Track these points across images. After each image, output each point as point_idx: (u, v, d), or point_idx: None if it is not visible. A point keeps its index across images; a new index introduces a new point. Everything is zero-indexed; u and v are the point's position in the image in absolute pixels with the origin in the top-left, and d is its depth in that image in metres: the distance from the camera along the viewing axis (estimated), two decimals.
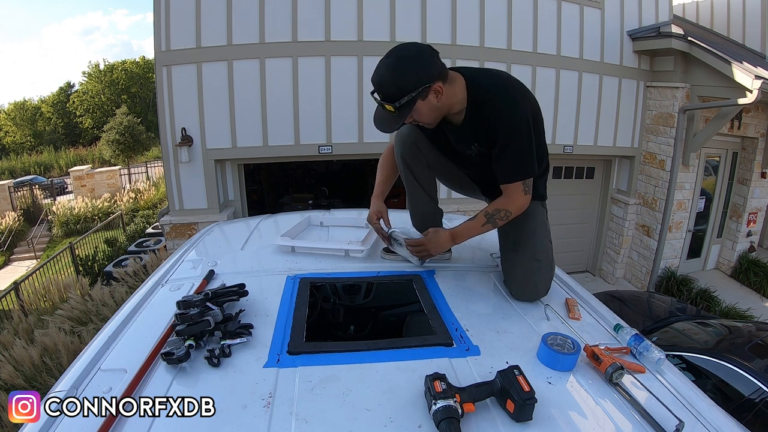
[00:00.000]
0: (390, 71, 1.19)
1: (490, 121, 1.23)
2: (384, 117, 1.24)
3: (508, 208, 1.30)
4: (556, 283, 1.42)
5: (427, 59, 1.19)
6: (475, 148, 1.32)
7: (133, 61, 28.33)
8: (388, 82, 1.19)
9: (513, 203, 1.30)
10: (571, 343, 0.98)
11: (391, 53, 1.21)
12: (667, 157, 5.25)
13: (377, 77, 1.20)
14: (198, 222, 4.68)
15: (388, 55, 1.21)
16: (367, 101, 4.68)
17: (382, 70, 1.20)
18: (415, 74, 1.17)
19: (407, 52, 1.20)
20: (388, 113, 1.21)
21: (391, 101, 1.18)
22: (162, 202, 12.14)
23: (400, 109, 1.19)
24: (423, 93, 1.18)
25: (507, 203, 1.30)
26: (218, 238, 1.99)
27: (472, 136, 1.30)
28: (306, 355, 0.98)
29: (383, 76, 1.19)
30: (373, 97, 1.23)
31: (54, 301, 5.45)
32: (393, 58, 1.19)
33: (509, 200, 1.30)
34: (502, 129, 1.22)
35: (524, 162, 1.25)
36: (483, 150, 1.31)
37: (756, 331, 2.86)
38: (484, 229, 1.33)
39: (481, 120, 1.25)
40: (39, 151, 23.85)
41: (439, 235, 1.38)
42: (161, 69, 4.44)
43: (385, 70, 1.19)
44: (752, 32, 6.17)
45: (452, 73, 1.25)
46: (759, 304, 5.21)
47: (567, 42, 5.07)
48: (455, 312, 1.21)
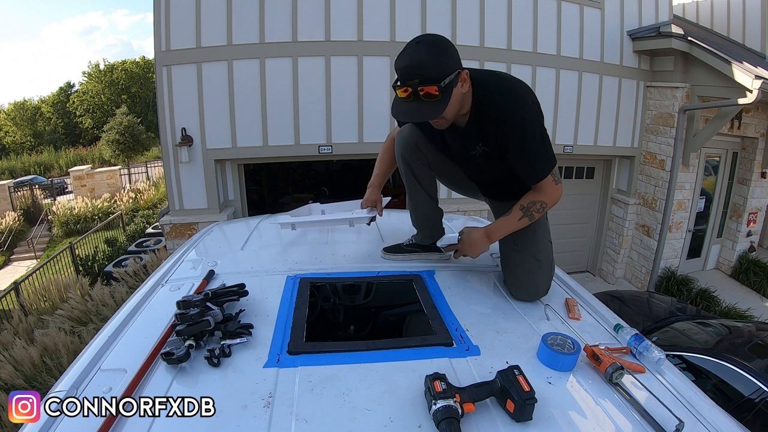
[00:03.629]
0: (428, 53, 1.12)
1: (499, 122, 1.21)
2: (419, 106, 1.15)
3: (543, 200, 1.28)
4: (556, 283, 1.42)
5: (452, 45, 1.17)
6: (480, 148, 1.30)
7: (133, 61, 28.33)
8: (431, 61, 1.12)
9: (547, 196, 1.28)
10: (571, 343, 0.98)
11: (419, 39, 1.14)
12: (667, 157, 5.25)
13: (415, 60, 1.11)
14: (198, 222, 4.68)
15: (416, 41, 1.14)
16: (367, 101, 4.68)
17: (420, 53, 1.12)
18: (452, 56, 1.14)
19: (435, 37, 1.15)
20: (428, 100, 1.13)
21: (435, 82, 1.11)
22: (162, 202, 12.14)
23: (444, 90, 1.12)
24: (458, 77, 1.15)
25: (541, 196, 1.28)
26: (218, 238, 1.99)
27: (477, 136, 1.28)
28: (306, 355, 0.98)
29: (422, 58, 1.11)
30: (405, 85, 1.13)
31: (54, 301, 5.45)
32: (425, 42, 1.13)
33: (542, 193, 1.28)
34: (513, 131, 1.20)
35: (544, 157, 1.24)
36: (488, 150, 1.30)
37: (756, 331, 2.86)
38: (521, 223, 1.29)
39: (486, 120, 1.23)
40: (39, 151, 23.85)
41: (472, 237, 1.33)
42: (161, 69, 4.44)
43: (423, 53, 1.12)
44: (752, 32, 6.17)
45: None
46: (759, 304, 5.21)
47: (567, 42, 5.07)
48: (455, 312, 1.21)
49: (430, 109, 1.15)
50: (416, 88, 1.12)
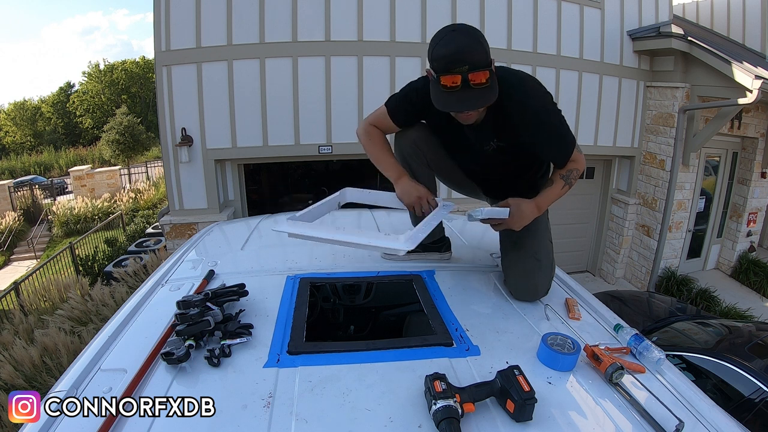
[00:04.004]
0: (472, 38, 1.08)
1: (516, 114, 1.19)
2: (471, 95, 1.09)
3: (577, 168, 1.30)
4: (556, 283, 1.42)
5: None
6: (495, 143, 1.29)
7: (133, 61, 28.32)
8: (478, 47, 1.08)
9: (578, 164, 1.30)
10: (571, 343, 0.98)
11: (454, 27, 1.10)
12: (667, 157, 5.25)
13: (461, 46, 1.07)
14: (198, 222, 4.68)
15: (452, 29, 1.09)
16: (367, 101, 4.68)
17: (464, 39, 1.07)
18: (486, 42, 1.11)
19: (467, 25, 1.12)
20: (477, 88, 1.08)
21: (486, 67, 1.08)
22: (162, 202, 12.13)
23: (492, 76, 1.09)
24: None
25: (574, 165, 1.29)
26: (218, 238, 1.99)
27: (492, 131, 1.26)
28: (306, 355, 0.98)
29: (469, 43, 1.07)
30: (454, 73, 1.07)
31: (54, 301, 5.45)
32: (464, 30, 1.09)
33: (575, 162, 1.29)
34: (534, 121, 1.19)
35: (566, 139, 1.25)
36: (502, 145, 1.29)
37: (756, 331, 2.86)
38: (563, 191, 1.30)
39: (501, 113, 1.21)
40: (39, 151, 23.84)
41: (523, 210, 1.25)
42: (161, 69, 4.44)
43: (468, 38, 1.08)
44: (752, 32, 6.17)
45: None
46: (759, 304, 5.21)
47: (567, 42, 5.07)
48: (455, 312, 1.21)
49: (483, 96, 1.11)
50: (466, 75, 1.07)
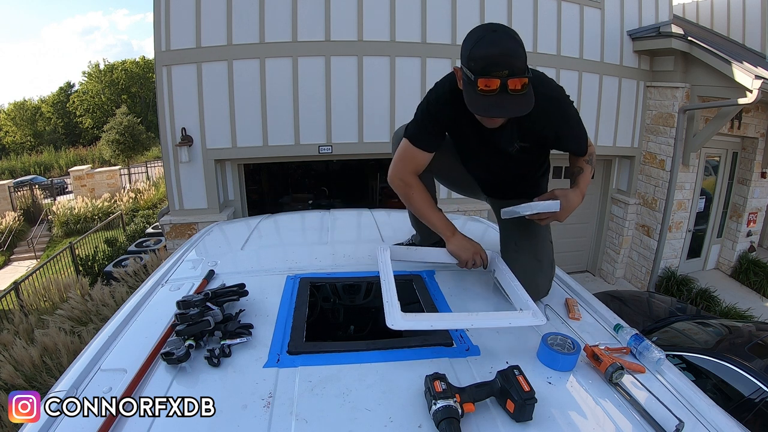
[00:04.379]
0: (514, 41, 1.04)
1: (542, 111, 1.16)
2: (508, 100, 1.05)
3: (592, 152, 1.35)
4: (556, 283, 1.42)
5: None
6: (518, 144, 1.27)
7: (133, 61, 28.31)
8: (519, 50, 1.04)
9: (592, 149, 1.35)
10: (571, 343, 0.98)
11: (494, 27, 1.05)
12: (667, 157, 5.25)
13: (505, 48, 1.02)
14: (198, 222, 4.68)
15: (492, 29, 1.05)
16: (367, 101, 4.68)
17: (507, 41, 1.03)
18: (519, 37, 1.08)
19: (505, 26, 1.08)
20: (514, 94, 1.04)
21: (524, 73, 1.04)
22: (162, 202, 12.13)
23: (529, 83, 1.05)
24: None
25: (591, 149, 1.35)
26: (218, 238, 1.99)
27: (517, 131, 1.24)
28: (306, 355, 0.98)
29: (511, 47, 1.03)
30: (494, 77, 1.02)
31: (54, 301, 5.45)
32: (505, 31, 1.05)
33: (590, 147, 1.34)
34: (559, 114, 1.20)
35: (583, 131, 1.29)
36: (525, 145, 1.28)
37: (756, 331, 2.86)
38: (592, 174, 1.35)
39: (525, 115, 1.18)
40: (39, 151, 23.83)
41: (570, 200, 1.25)
42: (161, 69, 4.44)
43: (510, 41, 1.03)
44: (752, 32, 6.17)
45: None
46: (759, 304, 5.21)
47: (567, 42, 5.07)
48: (455, 312, 1.21)
49: (519, 104, 1.06)
50: (505, 80, 1.02)
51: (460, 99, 1.18)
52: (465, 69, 1.08)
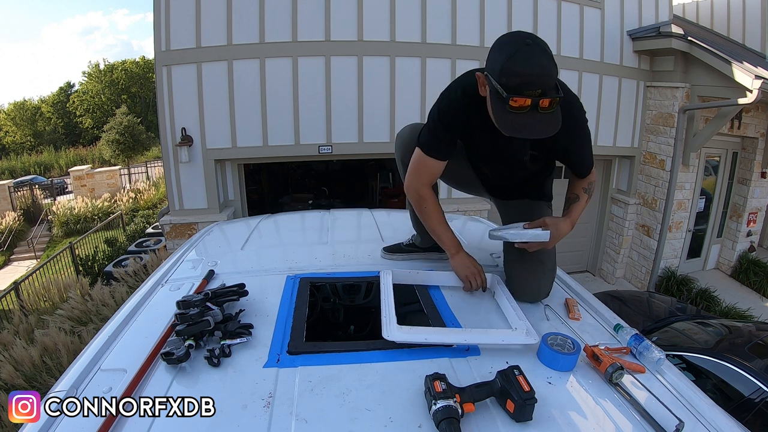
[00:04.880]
0: (549, 58, 1.00)
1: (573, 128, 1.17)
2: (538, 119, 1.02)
3: (592, 181, 1.35)
4: (556, 283, 1.42)
5: None
6: (530, 152, 1.27)
7: (133, 61, 28.31)
8: (553, 68, 1.00)
9: (594, 176, 1.35)
10: (571, 343, 0.98)
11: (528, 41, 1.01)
12: (667, 157, 5.25)
13: (543, 68, 0.99)
14: (198, 222, 4.69)
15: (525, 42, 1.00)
16: (367, 101, 4.68)
17: (543, 58, 0.99)
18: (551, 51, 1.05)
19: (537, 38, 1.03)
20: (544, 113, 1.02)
21: (557, 93, 1.02)
22: (162, 202, 12.13)
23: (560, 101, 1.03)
24: None
25: (592, 177, 1.34)
26: (218, 238, 1.99)
27: (530, 142, 1.23)
28: (306, 355, 0.98)
29: (546, 65, 0.99)
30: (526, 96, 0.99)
31: (54, 301, 5.45)
32: (539, 45, 1.01)
33: (592, 174, 1.34)
34: (574, 127, 1.19)
35: (591, 151, 1.28)
36: (536, 154, 1.27)
37: (756, 331, 2.86)
38: (587, 203, 1.36)
39: None
40: (39, 151, 23.83)
41: (560, 230, 1.25)
42: (161, 69, 4.44)
43: (546, 58, 1.00)
44: (752, 32, 6.17)
45: None
46: (759, 304, 5.21)
47: (567, 42, 5.07)
48: (455, 312, 1.21)
49: (549, 123, 1.03)
50: (537, 99, 0.99)
51: (473, 104, 1.16)
52: (495, 83, 1.02)
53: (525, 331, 1.06)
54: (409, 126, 1.45)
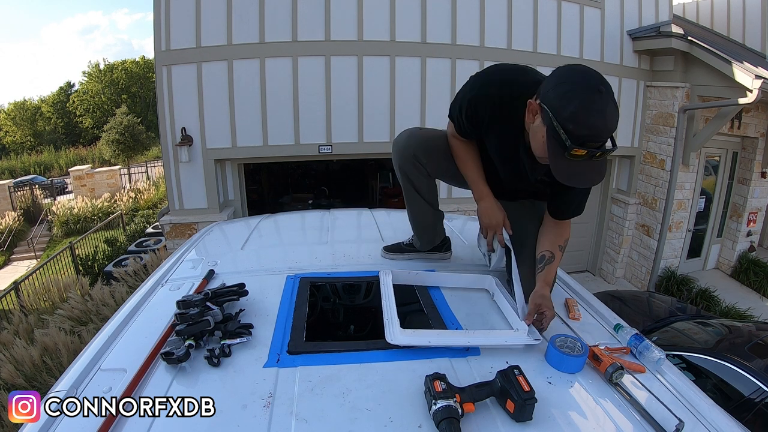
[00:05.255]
0: (617, 111, 0.98)
1: None
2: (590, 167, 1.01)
3: (567, 237, 1.32)
4: (556, 283, 1.42)
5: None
6: (543, 176, 1.25)
7: (133, 61, 28.31)
8: (617, 121, 0.98)
9: (568, 232, 1.31)
10: (580, 346, 0.98)
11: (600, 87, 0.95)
12: (667, 157, 5.25)
13: (611, 123, 0.96)
14: (198, 222, 4.69)
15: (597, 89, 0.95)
16: (367, 101, 4.68)
17: (613, 113, 0.97)
18: None
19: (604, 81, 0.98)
20: (598, 160, 1.01)
21: (613, 143, 1.03)
22: (162, 202, 12.13)
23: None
24: None
25: (565, 233, 1.31)
26: (218, 237, 1.99)
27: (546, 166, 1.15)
28: (306, 355, 0.98)
29: (615, 119, 0.97)
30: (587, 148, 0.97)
31: (54, 300, 5.45)
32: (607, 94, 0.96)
33: (566, 230, 1.31)
34: None
35: (585, 200, 1.26)
36: (545, 179, 1.25)
37: (756, 331, 2.86)
38: (560, 261, 1.31)
39: None
40: (39, 151, 23.83)
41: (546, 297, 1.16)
42: (161, 69, 4.44)
43: (614, 111, 0.97)
44: (752, 32, 6.17)
45: None
46: (759, 304, 5.21)
47: (567, 42, 5.07)
48: (455, 312, 1.21)
49: (600, 171, 1.02)
50: (595, 151, 0.97)
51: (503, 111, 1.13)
52: (558, 127, 0.97)
53: (527, 331, 1.07)
54: (406, 132, 1.43)
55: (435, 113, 4.75)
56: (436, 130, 1.46)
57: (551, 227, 1.30)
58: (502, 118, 1.16)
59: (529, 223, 1.37)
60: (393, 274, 1.32)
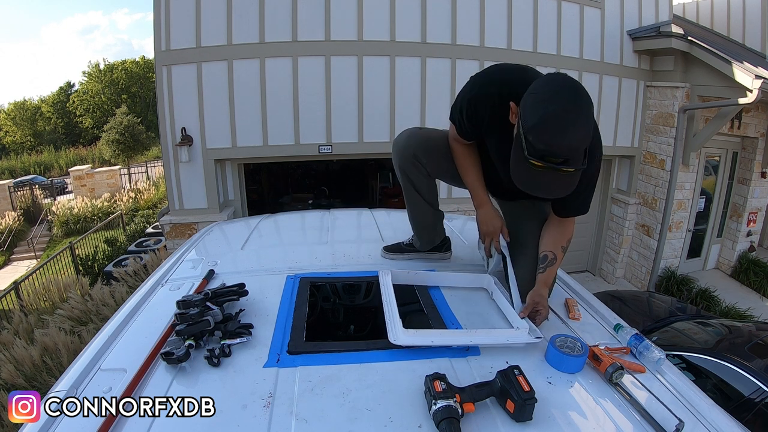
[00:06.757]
0: (586, 129, 0.96)
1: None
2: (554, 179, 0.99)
3: (569, 237, 1.30)
4: (556, 284, 1.42)
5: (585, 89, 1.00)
6: None
7: (133, 61, 28.30)
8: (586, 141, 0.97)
9: (571, 231, 1.30)
10: (580, 346, 0.98)
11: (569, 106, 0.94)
12: (667, 157, 5.25)
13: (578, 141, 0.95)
14: (198, 222, 4.68)
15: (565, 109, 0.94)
16: (367, 101, 4.68)
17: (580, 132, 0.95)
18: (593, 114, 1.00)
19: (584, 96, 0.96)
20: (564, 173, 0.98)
21: (581, 163, 0.98)
22: (162, 202, 12.13)
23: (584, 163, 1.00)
24: None
25: (568, 232, 1.29)
26: (218, 237, 1.99)
27: None
28: (306, 355, 0.98)
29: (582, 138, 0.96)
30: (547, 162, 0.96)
31: (54, 300, 5.45)
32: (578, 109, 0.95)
33: (569, 229, 1.29)
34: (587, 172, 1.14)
35: (591, 200, 1.25)
36: None
37: (756, 331, 2.86)
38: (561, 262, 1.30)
39: None
40: (39, 151, 23.82)
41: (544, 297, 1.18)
42: (161, 69, 4.44)
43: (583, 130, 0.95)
44: (752, 32, 6.17)
45: None
46: (759, 304, 5.20)
47: (567, 42, 5.07)
48: (455, 312, 1.21)
49: (566, 184, 1.00)
50: (557, 165, 0.97)
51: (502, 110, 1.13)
52: (522, 136, 0.98)
53: (527, 329, 1.07)
54: (406, 132, 1.43)
55: (435, 113, 4.75)
56: (436, 130, 1.46)
57: (555, 226, 1.31)
58: (502, 118, 1.16)
59: (529, 222, 1.37)
60: (393, 274, 1.32)
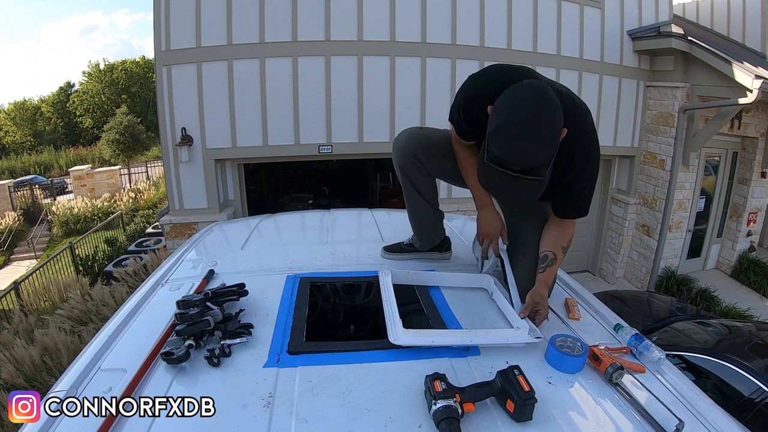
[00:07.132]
0: (536, 144, 0.95)
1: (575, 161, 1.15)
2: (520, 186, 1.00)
3: (570, 238, 1.31)
4: (556, 284, 1.42)
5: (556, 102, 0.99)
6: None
7: (133, 61, 28.30)
8: (539, 153, 0.96)
9: (572, 232, 1.31)
10: (580, 346, 0.98)
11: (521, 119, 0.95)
12: (667, 157, 5.25)
13: (528, 154, 0.95)
14: (198, 222, 4.69)
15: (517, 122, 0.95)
16: (367, 101, 4.68)
17: (525, 146, 0.95)
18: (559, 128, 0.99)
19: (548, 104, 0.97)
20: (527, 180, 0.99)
21: (543, 174, 0.99)
22: (162, 202, 12.13)
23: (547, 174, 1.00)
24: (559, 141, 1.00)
25: (568, 233, 1.30)
26: (218, 237, 1.99)
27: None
28: (306, 355, 0.98)
29: (533, 151, 0.95)
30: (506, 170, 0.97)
31: (54, 300, 5.45)
32: (530, 124, 0.95)
33: (569, 230, 1.30)
34: (582, 172, 1.18)
35: (590, 201, 1.25)
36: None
37: (756, 331, 2.86)
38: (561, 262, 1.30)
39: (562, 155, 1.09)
40: (39, 151, 23.83)
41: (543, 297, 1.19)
42: (161, 69, 4.44)
43: (529, 145, 0.95)
44: (752, 32, 6.17)
45: None
46: (759, 304, 5.21)
47: (567, 42, 5.07)
48: (455, 312, 1.21)
49: (531, 188, 1.00)
50: (517, 174, 0.98)
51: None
52: (486, 138, 1.00)
53: (527, 329, 1.07)
54: (406, 131, 1.43)
55: (435, 113, 4.75)
56: (436, 130, 1.46)
57: (555, 226, 1.31)
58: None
59: (530, 222, 1.37)
60: (393, 274, 1.32)
